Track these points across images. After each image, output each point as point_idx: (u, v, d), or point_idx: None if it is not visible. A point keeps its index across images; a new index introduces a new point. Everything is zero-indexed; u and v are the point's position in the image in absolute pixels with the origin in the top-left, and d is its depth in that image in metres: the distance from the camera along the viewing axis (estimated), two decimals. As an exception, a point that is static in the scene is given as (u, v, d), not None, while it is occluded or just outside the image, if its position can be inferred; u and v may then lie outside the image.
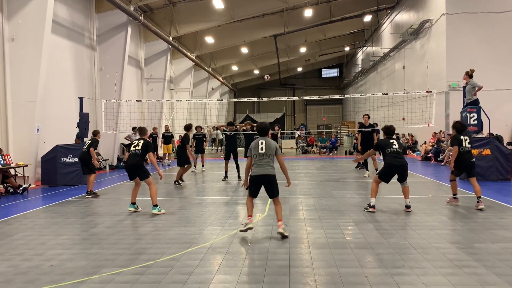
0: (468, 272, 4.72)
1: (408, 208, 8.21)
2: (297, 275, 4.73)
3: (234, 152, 13.72)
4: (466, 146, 8.71)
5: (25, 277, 4.86)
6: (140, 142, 8.59)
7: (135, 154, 8.56)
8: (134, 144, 8.64)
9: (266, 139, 6.63)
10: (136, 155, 8.57)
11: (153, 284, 4.56)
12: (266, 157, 6.48)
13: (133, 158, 8.56)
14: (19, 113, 13.11)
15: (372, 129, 13.74)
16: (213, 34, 28.94)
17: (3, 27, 12.99)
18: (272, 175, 6.52)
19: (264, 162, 6.48)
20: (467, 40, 19.78)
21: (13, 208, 9.52)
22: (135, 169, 8.63)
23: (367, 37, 37.24)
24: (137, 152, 8.52)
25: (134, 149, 8.53)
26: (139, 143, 8.57)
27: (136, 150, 8.52)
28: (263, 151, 6.43)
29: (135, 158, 8.55)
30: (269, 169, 6.52)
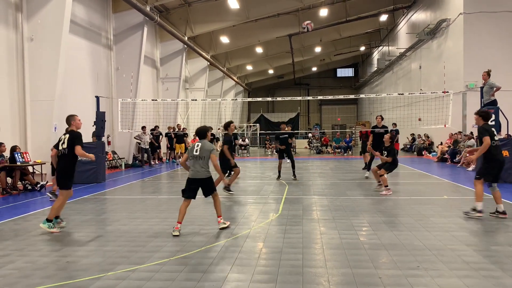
0: (484, 275, 4.66)
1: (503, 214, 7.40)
2: (310, 275, 4.73)
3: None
4: (495, 140, 7.43)
5: (43, 273, 4.95)
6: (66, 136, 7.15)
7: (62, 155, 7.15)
8: (61, 141, 7.23)
9: (203, 141, 6.98)
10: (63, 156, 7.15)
11: (168, 281, 4.60)
12: (200, 159, 6.80)
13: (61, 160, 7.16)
14: (37, 111, 13.34)
15: (385, 129, 13.53)
16: (228, 34, 29.03)
17: (22, 27, 13.24)
18: (205, 178, 6.85)
19: (198, 165, 6.80)
20: (485, 40, 19.49)
21: (31, 205, 9.70)
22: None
23: (383, 36, 36.93)
24: (64, 152, 7.10)
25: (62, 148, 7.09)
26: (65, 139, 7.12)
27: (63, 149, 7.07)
28: (198, 153, 6.78)
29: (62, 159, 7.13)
30: (203, 172, 6.83)
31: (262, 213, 8.32)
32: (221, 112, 37.56)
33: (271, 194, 10.60)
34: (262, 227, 7.08)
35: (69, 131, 7.38)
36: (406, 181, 13.11)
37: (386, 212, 8.23)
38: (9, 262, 5.38)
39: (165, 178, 15.30)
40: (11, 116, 12.98)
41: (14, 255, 5.67)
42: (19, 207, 9.40)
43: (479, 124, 7.70)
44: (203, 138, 7.14)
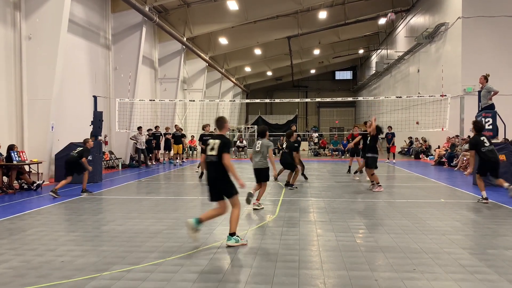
0: (480, 278, 4.66)
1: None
2: (306, 277, 4.72)
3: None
4: (485, 146, 9.04)
5: (37, 272, 4.92)
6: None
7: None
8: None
9: (262, 140, 8.83)
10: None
11: (163, 282, 4.58)
12: (260, 154, 8.76)
13: None
14: (34, 110, 13.30)
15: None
16: (226, 35, 29.04)
17: (20, 26, 13.20)
18: (262, 168, 8.86)
19: (257, 158, 8.78)
20: (483, 44, 19.55)
21: (27, 204, 9.65)
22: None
23: (382, 40, 37.03)
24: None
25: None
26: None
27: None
28: (258, 149, 8.62)
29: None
30: (261, 163, 8.85)
31: (259, 214, 8.30)
32: (219, 113, 37.53)
33: (268, 196, 10.59)
34: (258, 228, 7.07)
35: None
36: (403, 184, 13.12)
37: (383, 214, 8.23)
38: (4, 261, 5.34)
39: (162, 178, 15.27)
40: (8, 115, 12.93)
41: (9, 254, 5.64)
42: (14, 206, 9.35)
43: (473, 133, 9.40)
44: (262, 137, 8.95)
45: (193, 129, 26.29)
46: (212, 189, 6.02)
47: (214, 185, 5.99)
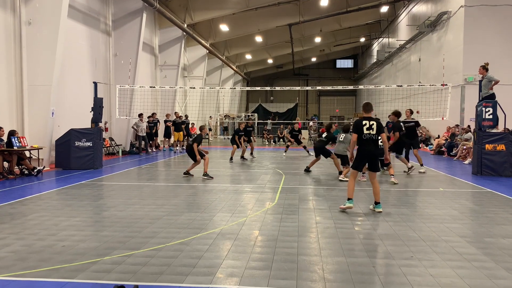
0: (477, 266, 4.71)
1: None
2: (305, 263, 4.77)
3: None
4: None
5: (39, 256, 4.97)
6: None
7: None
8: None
9: (346, 134, 11.21)
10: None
11: (163, 266, 4.63)
12: (343, 143, 11.43)
13: None
14: (34, 96, 13.28)
15: (415, 122, 13.24)
16: (227, 22, 28.84)
17: (20, 11, 13.10)
18: (343, 155, 11.08)
19: (341, 147, 11.49)
20: (485, 33, 19.44)
21: (28, 190, 9.70)
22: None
23: (383, 28, 36.78)
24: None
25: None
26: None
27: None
28: (342, 139, 10.08)
29: None
30: (343, 151, 11.39)
31: (259, 201, 8.35)
32: (219, 101, 37.48)
33: (267, 184, 10.64)
34: (258, 215, 7.12)
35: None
36: (402, 172, 13.15)
37: (382, 203, 8.26)
38: (5, 245, 5.39)
39: (162, 165, 15.31)
40: (8, 101, 12.91)
41: (10, 238, 5.69)
42: (15, 191, 9.40)
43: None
44: (346, 132, 11.49)
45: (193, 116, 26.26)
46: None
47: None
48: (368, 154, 7.31)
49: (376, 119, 7.42)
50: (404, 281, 4.26)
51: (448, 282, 4.26)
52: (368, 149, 7.28)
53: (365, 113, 7.51)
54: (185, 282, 4.22)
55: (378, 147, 7.48)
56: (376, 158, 7.34)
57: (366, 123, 7.28)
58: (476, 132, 12.57)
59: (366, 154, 7.34)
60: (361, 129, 7.29)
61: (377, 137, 7.32)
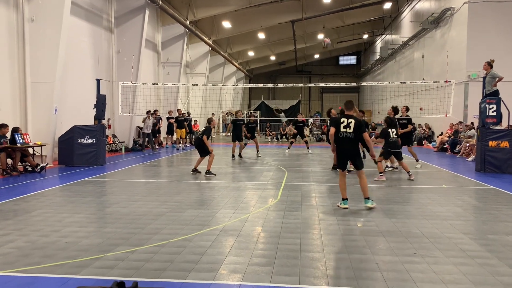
0: (480, 263, 4.70)
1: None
2: (307, 259, 4.77)
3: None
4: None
5: (42, 252, 4.99)
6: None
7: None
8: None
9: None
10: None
11: (166, 263, 4.65)
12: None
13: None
14: (38, 93, 13.30)
15: (407, 119, 13.46)
16: (230, 19, 28.78)
17: (23, 8, 13.12)
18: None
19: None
20: (489, 30, 19.33)
21: (31, 186, 9.74)
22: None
23: (386, 25, 36.63)
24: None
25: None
26: None
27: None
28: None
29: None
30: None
31: (261, 198, 8.35)
32: (222, 98, 37.46)
33: (270, 180, 10.64)
34: (261, 212, 7.12)
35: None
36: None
37: (385, 199, 8.27)
38: (9, 241, 5.42)
39: (165, 162, 15.33)
40: (11, 98, 12.94)
41: (14, 234, 5.71)
42: (19, 188, 9.43)
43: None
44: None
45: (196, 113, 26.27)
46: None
47: None
48: (345, 152, 7.30)
49: (355, 118, 7.28)
50: (407, 278, 4.25)
51: (451, 278, 4.25)
52: (344, 148, 7.26)
53: (346, 111, 7.35)
54: (188, 278, 4.23)
55: (354, 146, 7.29)
56: (354, 156, 7.30)
57: (344, 120, 7.19)
58: (480, 129, 12.52)
59: (344, 153, 7.30)
60: (338, 125, 7.20)
61: (354, 135, 7.19)
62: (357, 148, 7.37)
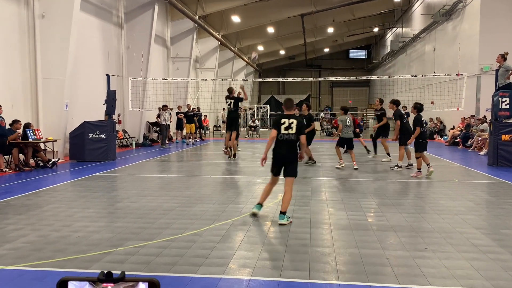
0: (492, 258, 4.64)
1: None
2: (317, 254, 4.75)
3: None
4: (424, 126, 9.98)
5: (54, 247, 5.04)
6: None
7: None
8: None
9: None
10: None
11: (176, 257, 4.66)
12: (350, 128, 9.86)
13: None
14: (49, 89, 13.41)
15: (381, 112, 13.79)
16: (239, 13, 28.68)
17: (34, 4, 13.20)
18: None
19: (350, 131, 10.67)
20: (502, 22, 19.00)
21: (43, 181, 9.84)
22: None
23: (397, 17, 36.21)
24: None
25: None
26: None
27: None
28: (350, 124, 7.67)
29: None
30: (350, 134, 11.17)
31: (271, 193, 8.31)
32: (231, 93, 37.40)
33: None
34: (270, 206, 7.11)
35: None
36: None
37: (395, 194, 8.21)
38: (22, 235, 5.48)
39: (175, 157, 15.39)
40: (23, 94, 13.07)
41: (27, 229, 5.78)
42: (31, 183, 9.54)
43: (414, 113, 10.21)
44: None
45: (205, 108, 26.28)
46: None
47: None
48: (279, 157, 6.34)
49: (297, 118, 6.41)
50: (418, 273, 4.22)
51: (463, 274, 4.20)
52: (280, 152, 6.29)
53: (286, 110, 6.39)
54: (198, 272, 4.24)
55: (292, 150, 6.29)
56: (290, 162, 6.30)
57: (285, 121, 6.21)
58: (492, 122, 12.35)
59: (278, 158, 6.35)
60: (279, 127, 6.24)
61: (297, 137, 6.23)
62: (295, 153, 6.37)
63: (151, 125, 21.59)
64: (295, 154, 6.35)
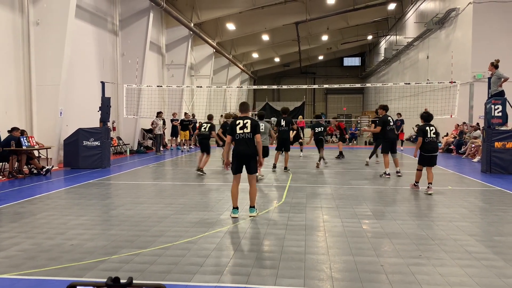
0: (486, 265, 4.67)
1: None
2: (312, 262, 4.76)
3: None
4: (428, 137, 9.10)
5: (48, 255, 5.01)
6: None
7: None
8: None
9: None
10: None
11: (171, 265, 4.64)
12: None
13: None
14: (43, 96, 13.37)
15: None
16: (234, 21, 28.82)
17: (28, 11, 13.20)
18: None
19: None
20: (494, 30, 19.23)
21: (37, 189, 9.78)
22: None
23: (391, 25, 36.56)
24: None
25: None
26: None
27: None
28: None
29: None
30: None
31: (266, 200, 8.34)
32: (226, 100, 37.49)
33: (275, 182, 10.63)
34: (265, 214, 7.11)
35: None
36: (410, 171, 13.06)
37: (390, 201, 8.24)
38: (15, 244, 5.44)
39: (169, 164, 15.35)
40: (17, 101, 13.02)
41: (20, 237, 5.74)
42: (24, 191, 9.48)
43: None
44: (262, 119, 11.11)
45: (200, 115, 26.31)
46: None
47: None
48: (240, 154, 6.81)
49: (251, 118, 6.95)
50: (413, 280, 4.23)
51: (457, 281, 4.22)
52: (240, 149, 6.81)
53: (241, 113, 7.12)
54: (193, 280, 4.22)
55: (251, 148, 6.79)
56: (250, 158, 6.80)
57: (240, 122, 6.85)
58: (485, 129, 12.46)
59: (239, 155, 6.83)
60: (234, 129, 6.85)
61: (252, 135, 6.80)
62: (254, 150, 6.82)
63: (146, 132, 21.56)
64: (254, 151, 6.85)
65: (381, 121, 11.53)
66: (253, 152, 6.81)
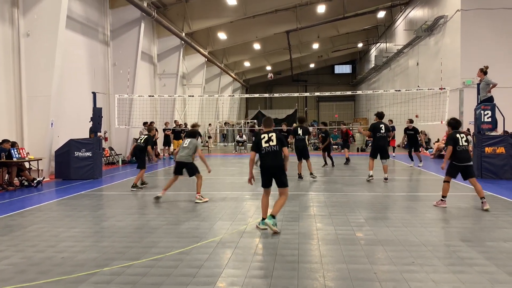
0: (478, 271, 4.68)
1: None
2: (305, 271, 4.74)
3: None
4: (460, 145, 8.14)
5: (38, 268, 4.95)
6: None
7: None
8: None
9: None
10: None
11: (163, 277, 4.61)
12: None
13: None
14: (34, 107, 13.29)
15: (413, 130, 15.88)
16: (225, 30, 28.96)
17: (19, 23, 13.16)
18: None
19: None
20: (482, 37, 19.50)
21: (27, 201, 9.68)
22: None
23: (381, 33, 36.92)
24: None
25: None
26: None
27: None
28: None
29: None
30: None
31: (259, 209, 8.28)
32: (218, 108, 37.52)
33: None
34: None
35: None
36: (402, 177, 13.14)
37: (382, 208, 8.25)
38: (4, 257, 5.37)
39: (162, 174, 15.29)
40: (7, 112, 12.93)
41: (10, 250, 5.66)
42: (15, 203, 9.38)
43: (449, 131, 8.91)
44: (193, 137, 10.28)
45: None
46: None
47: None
48: (268, 167, 6.65)
49: (276, 132, 6.80)
50: (406, 287, 4.23)
51: (449, 287, 4.23)
52: (268, 163, 6.63)
53: (265, 128, 6.88)
54: (185, 292, 4.19)
55: (279, 159, 6.60)
56: (278, 171, 6.61)
57: (265, 136, 6.69)
58: (476, 135, 12.57)
59: (266, 168, 6.67)
60: (259, 144, 6.69)
61: (279, 148, 6.62)
62: (282, 163, 6.64)
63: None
64: (281, 165, 6.66)
65: (371, 127, 12.01)
66: (281, 164, 6.62)
